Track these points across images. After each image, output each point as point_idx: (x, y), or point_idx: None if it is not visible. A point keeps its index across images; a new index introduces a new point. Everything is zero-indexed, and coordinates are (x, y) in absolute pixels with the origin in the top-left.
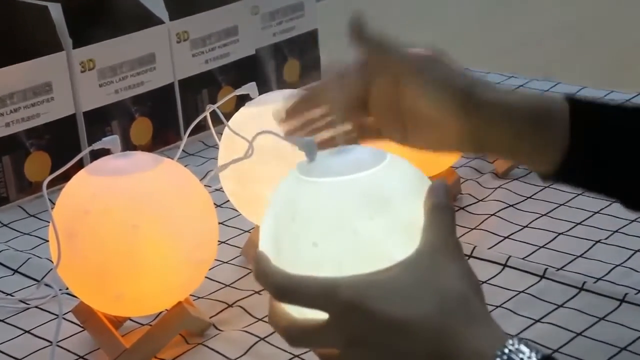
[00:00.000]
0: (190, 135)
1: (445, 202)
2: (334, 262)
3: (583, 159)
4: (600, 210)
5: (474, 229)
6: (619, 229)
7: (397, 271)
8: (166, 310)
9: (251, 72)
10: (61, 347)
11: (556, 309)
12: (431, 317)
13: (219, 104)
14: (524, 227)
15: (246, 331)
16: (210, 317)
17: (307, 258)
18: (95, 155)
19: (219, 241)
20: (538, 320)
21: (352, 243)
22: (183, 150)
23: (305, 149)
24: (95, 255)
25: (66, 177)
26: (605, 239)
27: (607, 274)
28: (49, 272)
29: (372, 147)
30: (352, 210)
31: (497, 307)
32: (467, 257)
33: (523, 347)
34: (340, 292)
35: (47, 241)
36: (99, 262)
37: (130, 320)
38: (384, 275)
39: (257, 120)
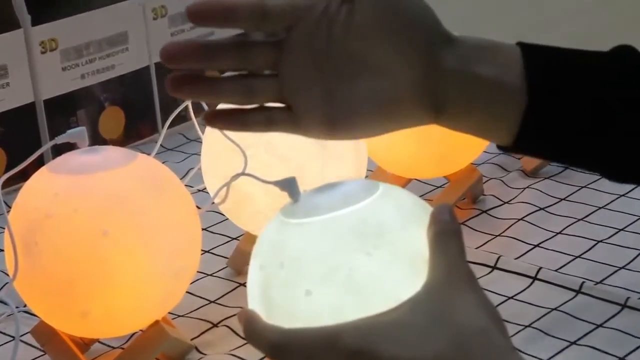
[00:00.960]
0: (169, 127)
1: (450, 226)
2: (332, 309)
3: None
4: None
5: (499, 235)
6: None
7: (405, 310)
8: (141, 330)
9: None
10: None
11: (595, 329)
12: (447, 356)
13: None
14: (557, 233)
15: (233, 355)
16: (192, 339)
17: (302, 309)
18: (58, 150)
19: (202, 250)
20: (574, 343)
21: (351, 285)
22: (161, 145)
23: (287, 189)
24: (58, 266)
25: (24, 175)
26: None
27: None
28: (3, 286)
29: (363, 179)
30: (346, 248)
31: (525, 327)
32: (491, 269)
33: None
34: (343, 340)
35: (2, 250)
36: (62, 274)
37: (99, 342)
38: (391, 316)
39: None
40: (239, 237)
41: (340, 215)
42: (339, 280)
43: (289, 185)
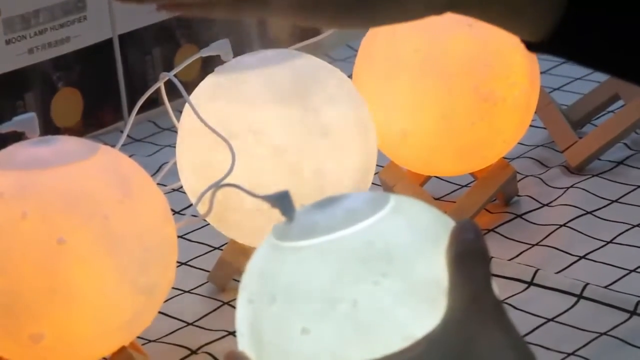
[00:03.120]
0: (137, 113)
1: (474, 247)
2: (333, 349)
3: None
4: None
5: (537, 245)
6: None
7: (420, 351)
8: (104, 358)
9: (223, 25)
10: None
11: None
12: None
13: (177, 69)
14: (608, 242)
15: None
16: None
17: (297, 350)
18: (3, 141)
19: (178, 262)
20: None
21: (355, 321)
22: (127, 135)
23: (280, 205)
24: (4, 281)
25: None
26: None
27: None
28: None
29: (370, 192)
30: (350, 277)
31: (568, 355)
32: (527, 285)
33: None
34: None
35: None
36: (8, 291)
37: None
38: (403, 358)
39: (231, 94)
40: (221, 246)
41: (341, 237)
42: (341, 316)
43: (281, 201)
